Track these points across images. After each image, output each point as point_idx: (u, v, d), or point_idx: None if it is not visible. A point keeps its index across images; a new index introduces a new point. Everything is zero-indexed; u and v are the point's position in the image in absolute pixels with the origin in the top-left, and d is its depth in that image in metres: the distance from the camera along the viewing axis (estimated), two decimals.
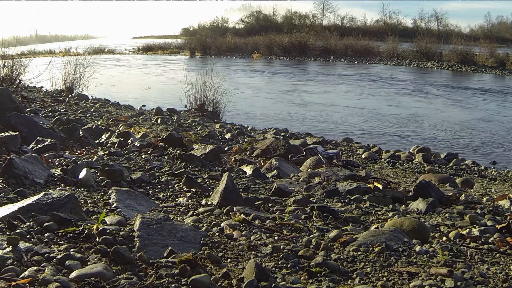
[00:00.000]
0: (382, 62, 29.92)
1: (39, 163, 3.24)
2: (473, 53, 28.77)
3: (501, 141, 8.91)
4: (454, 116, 11.61)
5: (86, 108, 8.98)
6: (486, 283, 1.95)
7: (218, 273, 1.87)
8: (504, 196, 3.98)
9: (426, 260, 2.17)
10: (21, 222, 2.19)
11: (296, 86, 17.37)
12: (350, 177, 4.45)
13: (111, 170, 3.42)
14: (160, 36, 68.39)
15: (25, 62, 10.29)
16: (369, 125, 10.17)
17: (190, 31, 64.63)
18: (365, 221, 2.99)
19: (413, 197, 3.80)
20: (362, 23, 61.77)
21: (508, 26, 56.40)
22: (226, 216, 2.76)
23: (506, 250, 2.44)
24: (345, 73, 23.08)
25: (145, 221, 2.27)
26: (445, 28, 54.68)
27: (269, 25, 54.53)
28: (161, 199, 3.18)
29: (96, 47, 38.15)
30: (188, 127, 7.67)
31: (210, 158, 4.75)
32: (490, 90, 17.01)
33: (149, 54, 40.73)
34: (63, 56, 14.86)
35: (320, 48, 35.69)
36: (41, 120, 5.69)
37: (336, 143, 7.76)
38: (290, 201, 3.29)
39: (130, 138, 5.43)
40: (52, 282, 1.60)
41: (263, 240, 2.32)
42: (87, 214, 2.52)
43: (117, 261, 1.88)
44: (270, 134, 7.93)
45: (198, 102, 9.88)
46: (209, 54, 36.69)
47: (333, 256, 2.16)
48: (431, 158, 6.86)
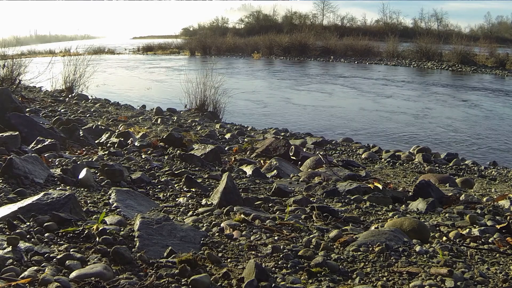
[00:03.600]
0: (382, 62, 29.91)
1: (39, 163, 3.23)
2: (473, 53, 28.77)
3: (501, 141, 8.91)
4: (454, 116, 11.61)
5: (86, 108, 8.97)
6: (486, 283, 1.95)
7: (218, 273, 1.87)
8: (504, 196, 3.98)
9: (426, 260, 2.17)
10: (21, 222, 2.19)
11: (296, 86, 17.37)
12: (350, 177, 4.45)
13: (111, 170, 3.42)
14: (160, 36, 68.42)
15: (25, 62, 10.29)
16: (369, 125, 10.17)
17: (190, 31, 64.66)
18: (365, 221, 2.99)
19: (413, 197, 3.79)
20: (362, 23, 61.84)
21: (508, 26, 56.38)
22: (226, 216, 2.76)
23: (506, 250, 2.44)
24: (345, 73, 23.08)
25: (145, 221, 2.27)
26: (445, 28, 54.69)
27: (269, 25, 54.55)
28: (161, 199, 3.18)
29: (96, 47, 38.18)
30: (188, 127, 7.67)
31: (210, 158, 4.75)
32: (490, 90, 17.01)
33: (149, 54, 40.74)
34: (63, 56, 14.84)
35: (320, 48, 35.70)
36: (41, 120, 5.68)
37: (336, 143, 7.76)
38: (290, 201, 3.29)
39: (130, 138, 5.42)
40: (52, 282, 1.60)
41: (263, 240, 2.32)
42: (87, 214, 2.51)
43: (117, 261, 1.88)
44: (270, 134, 7.93)
45: (198, 102, 9.88)
46: (209, 54, 36.71)
47: (333, 256, 2.16)
48: (431, 158, 6.86)
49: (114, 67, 24.98)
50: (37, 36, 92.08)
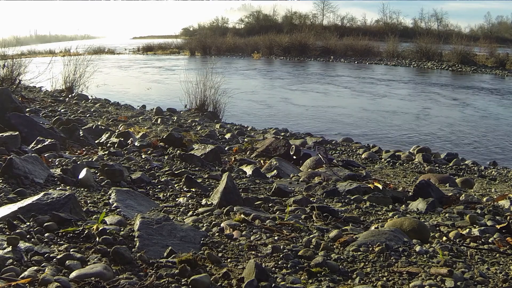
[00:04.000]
0: (382, 62, 29.92)
1: (39, 163, 3.23)
2: (473, 53, 28.77)
3: (501, 141, 8.91)
4: (454, 116, 11.61)
5: (86, 108, 8.97)
6: (486, 283, 1.95)
7: (218, 273, 1.87)
8: (504, 196, 3.98)
9: (426, 260, 2.17)
10: (21, 222, 2.18)
11: (296, 86, 17.37)
12: (350, 177, 4.45)
13: (111, 170, 3.42)
14: (160, 36, 68.42)
15: (25, 62, 10.29)
16: (369, 125, 10.17)
17: (190, 31, 64.68)
18: (365, 221, 2.99)
19: (413, 197, 3.79)
20: (362, 23, 61.88)
21: (508, 26, 56.40)
22: (226, 216, 2.76)
23: (506, 250, 2.44)
24: (345, 73, 23.08)
25: (145, 221, 2.27)
26: (445, 28, 54.70)
27: (269, 25, 54.55)
28: (161, 199, 3.18)
29: (96, 47, 38.17)
30: (188, 127, 7.67)
31: (210, 158, 4.75)
32: (490, 90, 17.01)
33: (149, 54, 40.74)
34: (63, 56, 14.85)
35: (320, 48, 35.70)
36: (41, 120, 5.68)
37: (336, 143, 7.76)
38: (290, 201, 3.29)
39: (130, 138, 5.42)
40: (52, 282, 1.60)
41: (263, 240, 2.32)
42: (87, 214, 2.51)
43: (117, 261, 1.88)
44: (270, 134, 7.93)
45: (198, 102, 9.88)
46: (209, 54, 36.71)
47: (333, 256, 2.16)
48: (431, 158, 6.86)
49: (114, 67, 24.98)
50: (37, 36, 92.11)
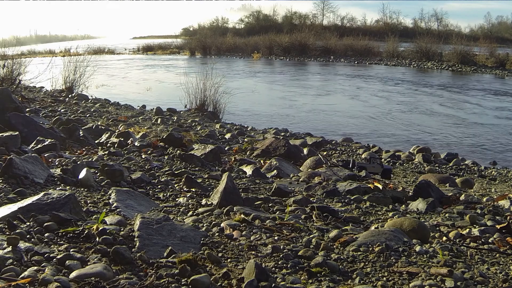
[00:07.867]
0: (382, 62, 29.91)
1: (39, 163, 3.23)
2: (473, 53, 28.75)
3: (501, 141, 8.91)
4: (454, 116, 11.61)
5: (86, 108, 8.97)
6: (486, 283, 1.95)
7: (218, 273, 1.87)
8: (504, 196, 3.98)
9: (426, 260, 2.17)
10: (21, 222, 2.18)
11: (296, 86, 17.37)
12: (350, 177, 4.45)
13: (111, 170, 3.42)
14: (160, 36, 68.49)
15: (25, 62, 10.29)
16: (369, 125, 10.17)
17: (190, 31, 64.70)
18: (365, 221, 2.99)
19: (413, 197, 3.79)
20: (362, 23, 61.95)
21: (508, 26, 56.43)
22: (226, 216, 2.76)
23: (506, 250, 2.44)
24: (345, 73, 23.08)
25: (145, 221, 2.27)
26: (445, 28, 54.74)
27: (269, 25, 54.54)
28: (161, 199, 3.18)
29: (96, 47, 38.19)
30: (188, 127, 7.67)
31: (210, 158, 4.75)
32: (490, 90, 17.00)
33: (149, 54, 40.75)
34: (63, 56, 14.85)
35: (320, 48, 35.70)
36: (41, 120, 5.69)
37: (336, 143, 7.76)
38: (290, 201, 3.29)
39: (130, 138, 5.42)
40: (52, 282, 1.60)
41: (263, 240, 2.32)
42: (87, 214, 2.51)
43: (117, 261, 1.88)
44: (270, 134, 7.92)
45: (198, 102, 9.88)
46: (209, 54, 36.72)
47: (333, 256, 2.16)
48: (431, 158, 6.86)
49: (114, 67, 24.98)
50: (37, 36, 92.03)
